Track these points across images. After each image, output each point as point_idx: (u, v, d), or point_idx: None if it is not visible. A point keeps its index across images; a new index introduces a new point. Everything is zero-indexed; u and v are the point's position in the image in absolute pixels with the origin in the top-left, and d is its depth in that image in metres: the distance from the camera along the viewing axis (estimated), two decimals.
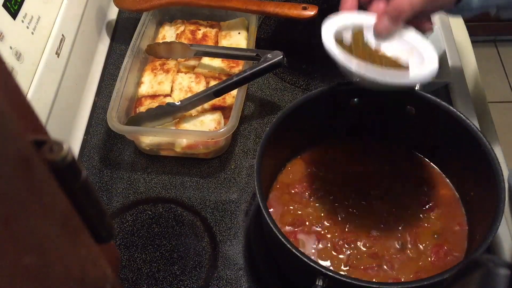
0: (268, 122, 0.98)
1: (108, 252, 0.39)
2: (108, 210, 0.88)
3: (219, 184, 0.91)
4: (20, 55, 0.81)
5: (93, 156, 0.96)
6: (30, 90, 0.83)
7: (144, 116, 0.91)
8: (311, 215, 0.80)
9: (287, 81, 1.04)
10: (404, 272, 0.74)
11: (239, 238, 0.84)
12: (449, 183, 0.83)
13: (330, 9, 1.17)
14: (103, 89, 1.05)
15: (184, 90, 0.96)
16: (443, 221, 0.79)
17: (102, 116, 1.01)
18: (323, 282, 0.62)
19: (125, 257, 0.83)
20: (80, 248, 0.33)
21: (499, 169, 0.71)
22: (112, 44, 1.13)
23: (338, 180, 0.84)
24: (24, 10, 0.83)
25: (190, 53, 0.98)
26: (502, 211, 0.67)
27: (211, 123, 0.91)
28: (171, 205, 0.89)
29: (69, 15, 0.96)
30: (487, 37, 2.43)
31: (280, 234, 0.65)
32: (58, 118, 0.91)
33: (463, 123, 0.76)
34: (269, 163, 0.78)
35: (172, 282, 0.80)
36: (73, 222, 0.32)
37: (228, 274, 0.81)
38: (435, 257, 0.76)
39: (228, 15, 1.07)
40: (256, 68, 0.88)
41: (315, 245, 0.77)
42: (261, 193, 0.69)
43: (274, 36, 1.14)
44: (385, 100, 0.82)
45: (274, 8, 0.98)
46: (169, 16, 1.10)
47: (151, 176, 0.92)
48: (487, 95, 1.06)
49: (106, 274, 0.36)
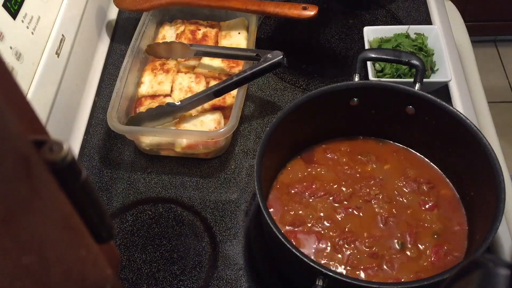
0: (268, 122, 0.98)
1: (108, 252, 0.39)
2: (108, 210, 0.88)
3: (219, 184, 0.91)
4: (20, 55, 0.81)
5: (93, 156, 0.96)
6: (30, 90, 0.83)
7: (144, 116, 0.91)
8: (311, 215, 0.80)
9: (287, 81, 1.04)
10: (404, 272, 0.74)
11: (239, 238, 0.84)
12: (449, 183, 0.83)
13: (330, 9, 1.18)
14: (103, 89, 1.05)
15: (184, 90, 0.96)
16: (443, 221, 0.79)
17: (102, 116, 1.00)
18: (323, 282, 0.62)
19: (125, 257, 0.83)
20: (80, 248, 0.33)
21: (499, 169, 0.71)
22: (112, 44, 1.13)
23: (338, 180, 0.84)
24: (24, 10, 0.83)
25: (190, 53, 0.98)
26: (502, 211, 0.67)
27: (211, 123, 0.91)
28: (171, 205, 0.89)
29: (69, 15, 0.96)
30: (487, 37, 2.43)
31: (280, 234, 0.65)
32: (58, 118, 0.91)
33: (463, 123, 0.76)
34: (269, 163, 0.78)
35: (172, 282, 0.80)
36: (73, 222, 0.32)
37: (228, 274, 0.81)
38: (435, 257, 0.76)
39: (228, 15, 1.07)
40: (256, 68, 0.88)
41: (315, 245, 0.77)
42: (261, 193, 0.69)
43: (274, 36, 1.14)
44: (385, 100, 0.82)
45: (274, 8, 0.98)
46: (169, 16, 1.10)
47: (151, 176, 0.92)
48: (487, 95, 1.06)
49: (106, 274, 0.36)
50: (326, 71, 1.06)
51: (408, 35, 1.02)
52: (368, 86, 0.83)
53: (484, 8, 2.18)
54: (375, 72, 0.99)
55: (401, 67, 0.97)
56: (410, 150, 0.87)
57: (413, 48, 1.00)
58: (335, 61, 1.09)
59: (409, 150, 0.87)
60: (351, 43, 1.10)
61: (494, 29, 2.37)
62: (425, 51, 1.00)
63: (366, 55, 0.86)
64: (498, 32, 2.41)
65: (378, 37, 1.04)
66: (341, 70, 1.06)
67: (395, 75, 0.97)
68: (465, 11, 1.95)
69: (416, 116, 0.81)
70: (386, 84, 0.83)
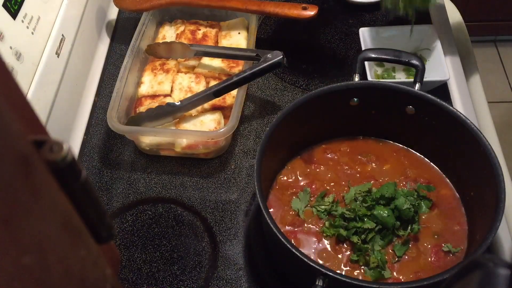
0: (268, 122, 0.98)
1: (108, 252, 0.39)
2: (108, 210, 0.88)
3: (219, 184, 0.91)
4: (20, 55, 0.81)
5: (93, 156, 0.96)
6: (30, 90, 0.83)
7: (144, 116, 0.91)
8: (311, 215, 0.80)
9: (287, 81, 1.04)
10: (404, 272, 0.74)
11: (239, 238, 0.84)
12: (449, 183, 0.83)
13: (330, 9, 1.18)
14: (103, 89, 1.05)
15: (184, 90, 0.96)
16: (443, 221, 0.79)
17: (102, 116, 1.00)
18: (323, 282, 0.62)
19: (125, 257, 0.83)
20: (80, 248, 0.33)
21: (499, 169, 0.71)
22: (112, 44, 1.12)
23: (338, 180, 0.84)
24: (24, 10, 0.83)
25: (190, 53, 0.98)
26: (502, 211, 0.67)
27: (211, 123, 0.91)
28: (171, 205, 0.89)
29: (69, 15, 0.96)
30: (487, 37, 2.43)
31: (280, 234, 0.65)
32: (58, 118, 0.91)
33: (463, 123, 0.76)
34: (269, 163, 0.78)
35: (172, 282, 0.80)
36: (73, 222, 0.32)
37: (228, 274, 0.81)
38: (435, 257, 0.76)
39: (228, 15, 1.07)
40: (256, 68, 0.88)
41: (315, 245, 0.77)
42: (261, 193, 0.69)
43: (274, 36, 1.14)
44: (385, 100, 0.82)
45: (274, 8, 0.98)
46: (169, 16, 1.10)
47: (151, 176, 0.92)
48: (487, 95, 1.06)
49: (106, 274, 0.36)
50: (326, 71, 1.06)
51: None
52: (368, 86, 0.83)
53: (484, 8, 2.18)
54: (375, 70, 0.99)
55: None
56: (410, 150, 0.87)
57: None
58: (335, 61, 1.09)
59: (409, 150, 0.87)
60: (351, 43, 1.10)
61: (494, 29, 2.37)
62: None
63: (366, 55, 0.86)
64: (498, 32, 2.41)
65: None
66: (341, 70, 1.06)
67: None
68: (465, 11, 1.95)
69: (416, 116, 0.81)
70: (386, 84, 0.83)
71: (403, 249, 0.75)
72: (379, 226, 0.75)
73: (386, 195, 0.76)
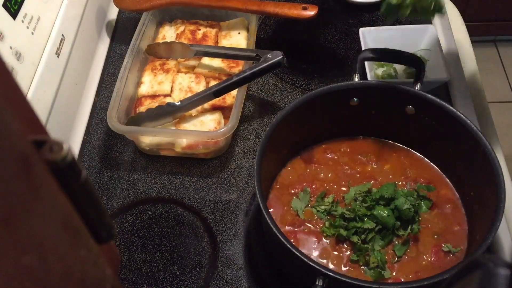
0: (268, 122, 0.98)
1: (108, 252, 0.39)
2: (108, 210, 0.88)
3: (219, 184, 0.91)
4: (20, 55, 0.81)
5: (93, 156, 0.96)
6: (30, 90, 0.83)
7: (144, 116, 0.91)
8: (311, 215, 0.80)
9: (287, 81, 1.04)
10: (404, 272, 0.74)
11: (239, 238, 0.84)
12: (449, 183, 0.83)
13: (330, 9, 1.18)
14: (103, 89, 1.05)
15: (184, 90, 0.96)
16: (443, 221, 0.79)
17: (102, 116, 1.00)
18: (323, 282, 0.62)
19: (125, 257, 0.83)
20: (80, 248, 0.33)
21: (499, 169, 0.71)
22: (112, 44, 1.13)
23: (338, 180, 0.84)
24: (24, 10, 0.83)
25: (190, 53, 0.98)
26: (502, 211, 0.67)
27: (211, 123, 0.91)
28: (171, 205, 0.89)
29: (69, 15, 0.96)
30: (487, 37, 2.43)
31: (280, 234, 0.65)
32: (58, 118, 0.91)
33: (463, 123, 0.76)
34: (269, 163, 0.78)
35: (172, 282, 0.80)
36: (73, 222, 0.32)
37: (228, 274, 0.81)
38: (435, 257, 0.76)
39: (228, 15, 1.07)
40: (256, 68, 0.88)
41: (315, 245, 0.77)
42: (261, 193, 0.69)
43: (274, 36, 1.14)
44: (385, 100, 0.82)
45: (274, 8, 0.98)
46: (169, 16, 1.10)
47: (151, 176, 0.92)
48: (487, 95, 1.06)
49: (106, 274, 0.36)
50: (326, 71, 1.06)
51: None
52: (368, 86, 0.83)
53: (484, 8, 2.18)
54: (375, 70, 0.99)
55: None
56: (410, 150, 0.87)
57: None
58: (335, 61, 1.09)
59: (409, 150, 0.87)
60: (351, 43, 1.10)
61: (494, 29, 2.37)
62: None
63: (366, 55, 0.86)
64: (498, 32, 2.41)
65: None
66: (341, 70, 1.06)
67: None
68: (465, 11, 1.95)
69: (416, 116, 0.81)
70: (386, 84, 0.83)
71: (403, 249, 0.75)
72: (379, 226, 0.75)
73: (386, 195, 0.76)
